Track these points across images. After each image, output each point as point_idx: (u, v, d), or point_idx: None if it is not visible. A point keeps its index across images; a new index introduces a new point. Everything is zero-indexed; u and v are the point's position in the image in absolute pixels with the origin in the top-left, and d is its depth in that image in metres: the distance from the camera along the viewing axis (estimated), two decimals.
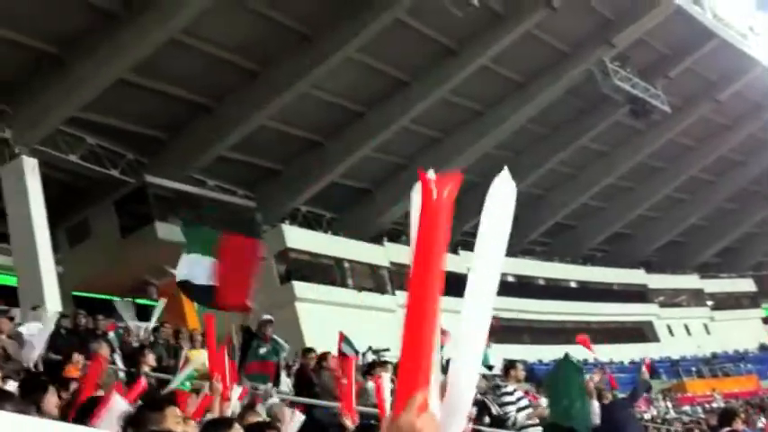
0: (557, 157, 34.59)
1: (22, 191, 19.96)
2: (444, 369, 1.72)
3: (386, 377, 7.23)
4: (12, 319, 9.64)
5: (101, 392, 4.60)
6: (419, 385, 1.52)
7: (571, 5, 27.58)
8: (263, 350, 9.48)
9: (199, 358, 8.20)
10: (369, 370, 11.23)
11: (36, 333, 9.60)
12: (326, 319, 24.80)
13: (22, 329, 9.90)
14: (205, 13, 20.70)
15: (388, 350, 17.35)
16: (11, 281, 21.10)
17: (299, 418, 6.40)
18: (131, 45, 20.09)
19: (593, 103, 33.66)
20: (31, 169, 20.24)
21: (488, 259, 1.87)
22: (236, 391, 6.06)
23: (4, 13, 18.71)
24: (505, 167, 1.89)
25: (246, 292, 7.76)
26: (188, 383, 6.80)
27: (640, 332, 41.31)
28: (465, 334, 1.86)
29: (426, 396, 1.51)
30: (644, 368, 12.36)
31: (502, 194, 1.87)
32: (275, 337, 10.03)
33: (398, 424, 1.49)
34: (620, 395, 12.96)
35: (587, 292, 39.67)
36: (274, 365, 9.66)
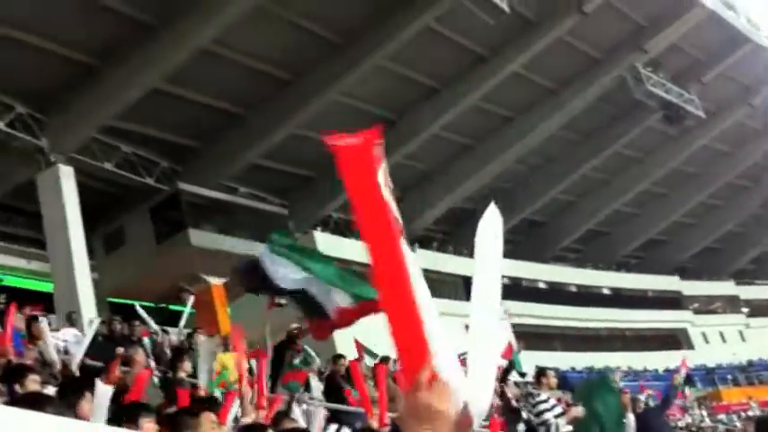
0: (589, 163, 34.41)
1: (58, 198, 20.31)
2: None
3: None
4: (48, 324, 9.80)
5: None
6: (420, 358, 1.52)
7: (603, 11, 27.46)
8: (296, 360, 9.67)
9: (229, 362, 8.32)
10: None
11: (72, 340, 9.77)
12: (358, 325, 24.85)
13: (58, 335, 10.08)
14: (236, 24, 20.92)
15: None
16: (47, 287, 21.44)
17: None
18: (164, 55, 20.33)
19: (625, 109, 33.44)
20: (66, 177, 20.60)
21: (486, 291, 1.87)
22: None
23: (40, 23, 19.05)
24: (493, 204, 1.91)
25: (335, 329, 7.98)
26: (217, 387, 6.92)
27: (675, 339, 40.90)
28: (477, 316, 1.86)
29: (432, 369, 1.51)
30: (681, 369, 12.22)
31: (491, 228, 1.87)
32: (306, 347, 10.18)
33: (411, 402, 1.49)
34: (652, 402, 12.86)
35: (621, 298, 39.35)
36: (306, 374, 9.83)
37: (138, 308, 12.80)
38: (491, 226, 1.88)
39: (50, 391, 4.96)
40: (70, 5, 19.05)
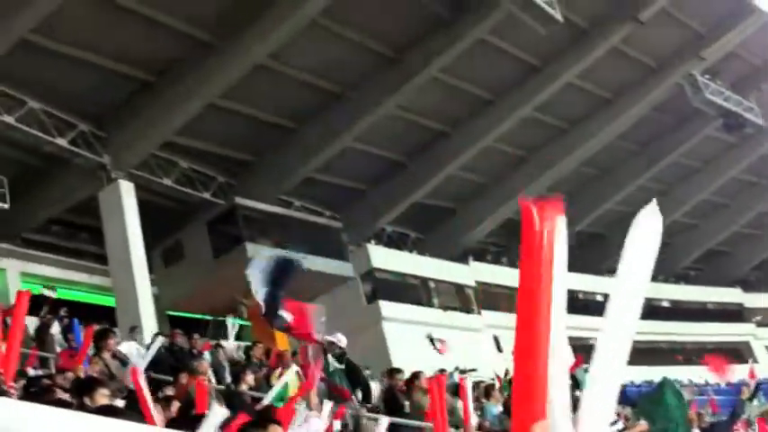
0: (647, 173, 33.94)
1: (119, 214, 20.76)
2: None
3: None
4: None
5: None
6: (535, 417, 1.53)
7: (659, 19, 27.16)
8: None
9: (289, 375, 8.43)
10: (456, 390, 11.24)
11: (134, 353, 9.96)
12: (412, 338, 24.85)
13: (121, 348, 10.29)
14: (291, 39, 21.21)
15: (474, 370, 17.25)
16: (109, 301, 21.86)
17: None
18: (220, 71, 20.69)
19: (683, 118, 32.94)
20: (127, 193, 21.04)
21: (630, 289, 1.87)
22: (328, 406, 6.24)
23: (100, 42, 19.55)
24: (654, 202, 1.91)
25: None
26: (280, 401, 7.00)
27: (737, 353, 39.91)
28: (602, 359, 1.84)
29: (545, 428, 1.52)
30: (750, 381, 11.97)
31: (646, 229, 1.88)
32: (330, 356, 10.26)
33: None
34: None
35: (680, 311, 38.61)
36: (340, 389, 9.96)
37: (228, 322, 13.05)
38: (646, 233, 1.89)
39: (119, 403, 5.08)
40: (129, 25, 19.50)
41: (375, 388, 11.61)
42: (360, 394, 10.85)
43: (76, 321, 9.67)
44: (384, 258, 27.37)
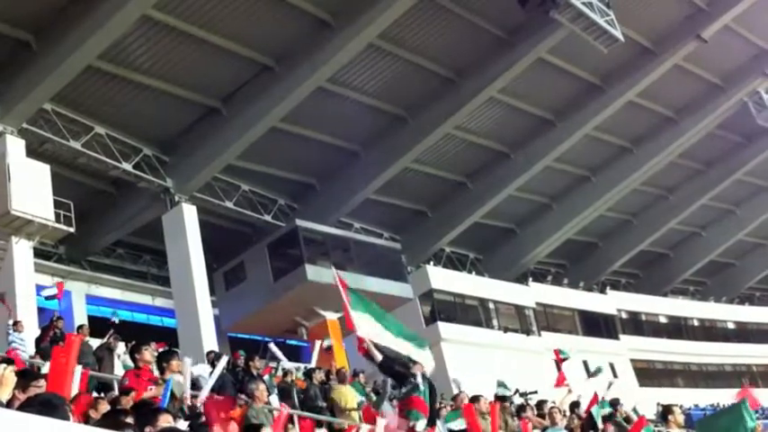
0: (711, 192, 33.30)
1: (181, 236, 21.09)
2: None
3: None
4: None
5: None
6: None
7: (722, 37, 26.72)
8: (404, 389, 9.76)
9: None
10: (518, 412, 11.15)
11: (202, 375, 10.05)
12: (472, 360, 24.63)
13: (193, 370, 10.36)
14: (350, 63, 21.41)
15: (535, 392, 17.00)
16: (171, 323, 22.19)
17: None
18: (283, 96, 20.87)
19: (747, 136, 32.29)
20: (190, 216, 21.37)
21: None
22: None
23: (165, 68, 19.96)
24: None
25: None
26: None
27: None
28: None
29: None
30: None
31: None
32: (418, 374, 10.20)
33: None
34: None
35: (746, 333, 37.65)
36: (418, 401, 9.88)
37: (271, 346, 13.05)
38: None
39: (182, 425, 5.11)
40: (193, 51, 19.89)
41: None
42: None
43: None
44: (443, 279, 27.26)
